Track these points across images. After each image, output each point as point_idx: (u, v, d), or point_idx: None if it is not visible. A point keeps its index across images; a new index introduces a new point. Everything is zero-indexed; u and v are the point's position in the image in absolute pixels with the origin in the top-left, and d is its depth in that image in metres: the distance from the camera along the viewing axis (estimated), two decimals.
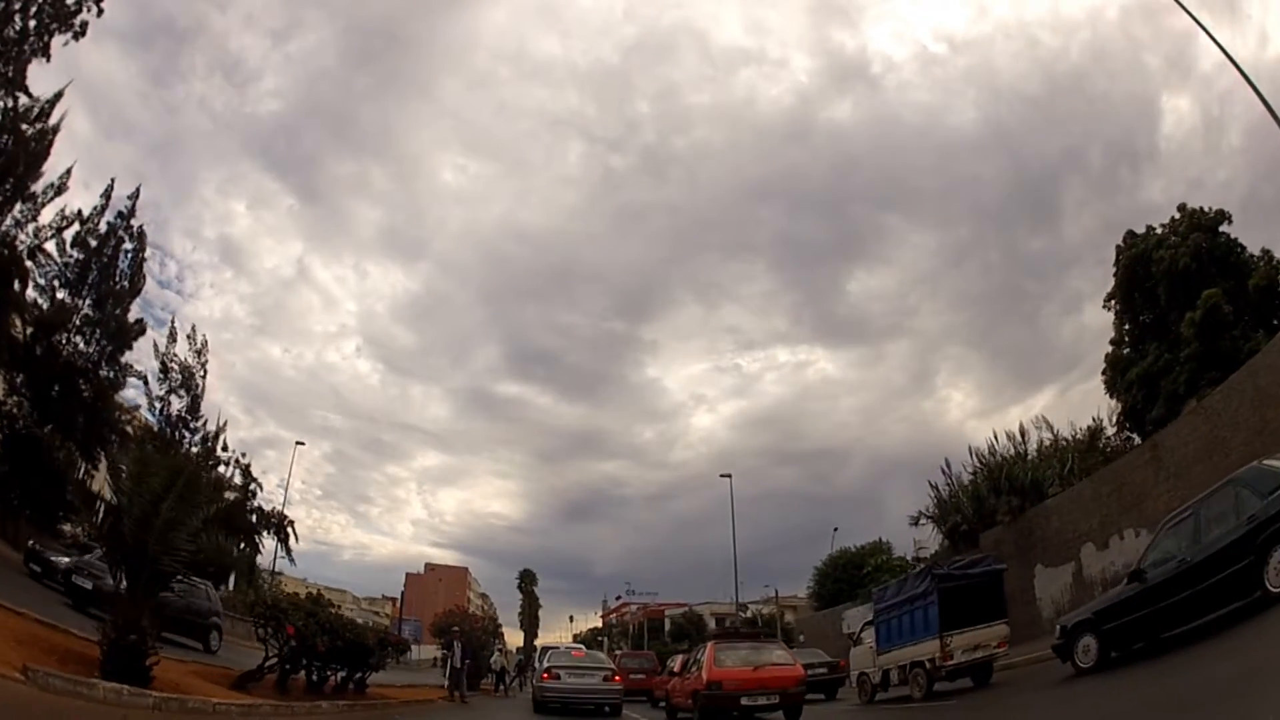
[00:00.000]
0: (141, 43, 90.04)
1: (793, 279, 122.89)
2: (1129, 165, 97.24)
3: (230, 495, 25.97)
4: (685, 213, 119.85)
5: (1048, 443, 22.05)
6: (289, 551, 31.06)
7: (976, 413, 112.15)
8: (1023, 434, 22.55)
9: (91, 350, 21.98)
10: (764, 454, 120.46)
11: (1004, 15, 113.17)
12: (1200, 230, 23.66)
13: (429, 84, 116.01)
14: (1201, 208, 24.73)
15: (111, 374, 22.52)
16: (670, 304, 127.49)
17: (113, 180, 23.47)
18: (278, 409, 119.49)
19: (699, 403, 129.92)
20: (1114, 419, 23.96)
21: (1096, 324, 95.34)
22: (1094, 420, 23.38)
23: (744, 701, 11.31)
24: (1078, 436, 22.44)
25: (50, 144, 19.79)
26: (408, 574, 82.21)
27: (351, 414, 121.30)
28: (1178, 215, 24.88)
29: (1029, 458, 21.60)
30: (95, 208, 22.51)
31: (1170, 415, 19.47)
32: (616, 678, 16.44)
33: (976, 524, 21.38)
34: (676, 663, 18.97)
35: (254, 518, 28.25)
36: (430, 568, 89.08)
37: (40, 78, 19.68)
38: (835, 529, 40.91)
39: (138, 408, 24.64)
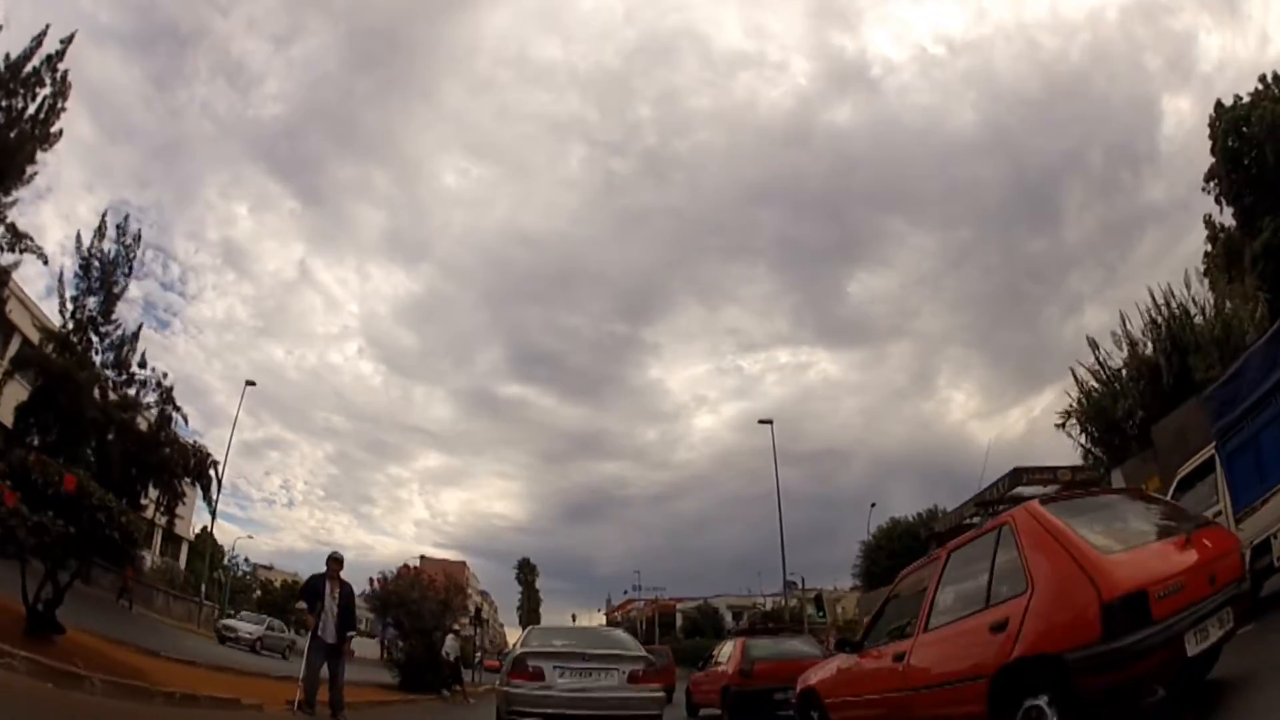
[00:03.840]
0: (144, 47, 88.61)
1: (794, 281, 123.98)
2: (1130, 168, 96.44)
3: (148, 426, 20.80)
4: (687, 215, 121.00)
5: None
6: (210, 503, 25.47)
7: (978, 414, 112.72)
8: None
9: None
10: (766, 454, 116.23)
11: (1003, 17, 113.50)
12: None
13: (431, 88, 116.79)
14: None
15: None
16: (672, 306, 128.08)
17: None
18: (281, 410, 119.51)
19: (700, 404, 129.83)
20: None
21: (1096, 325, 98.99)
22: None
23: (777, 696, 10.21)
24: None
25: None
26: (401, 567, 77.10)
27: (354, 415, 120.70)
28: (1261, 86, 22.02)
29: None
30: None
31: None
32: (651, 675, 8.22)
33: (1151, 403, 16.94)
34: (732, 647, 12.93)
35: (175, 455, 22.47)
36: (425, 560, 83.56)
37: None
38: (873, 505, 37.73)
39: None
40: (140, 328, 21.70)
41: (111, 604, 19.45)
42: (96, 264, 20.32)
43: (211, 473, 25.10)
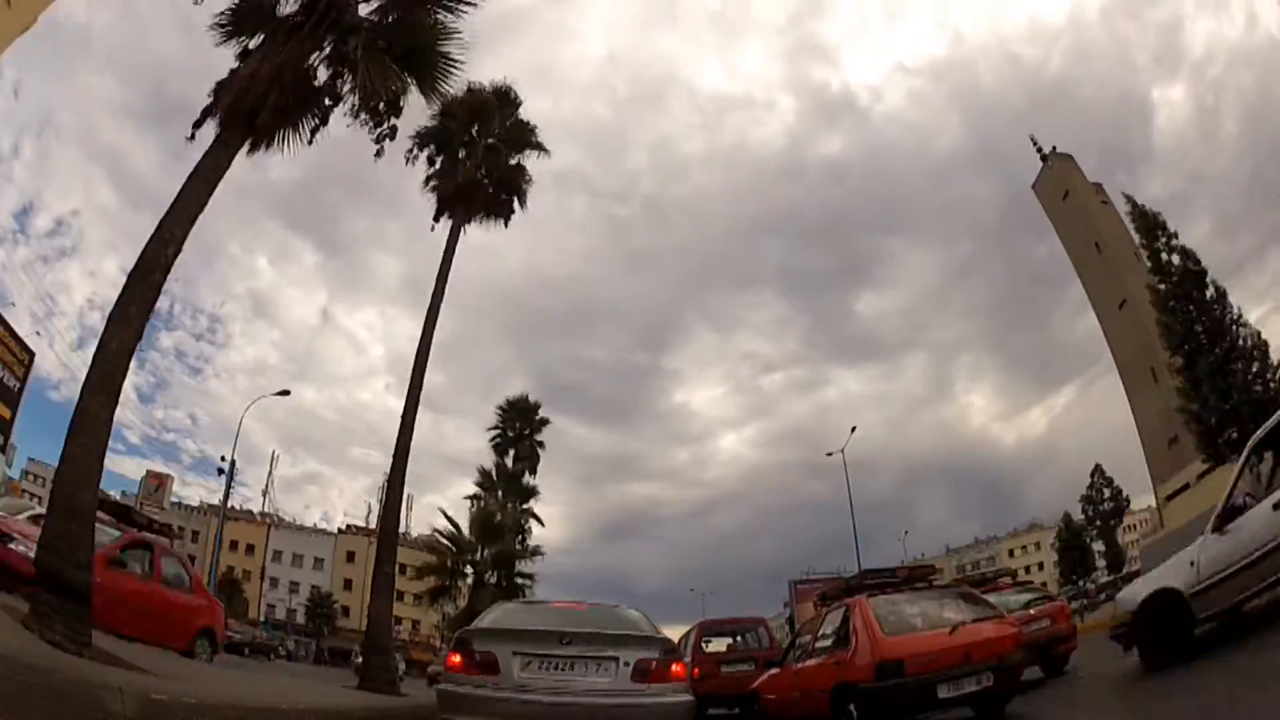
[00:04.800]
0: (158, 122, 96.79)
1: (803, 305, 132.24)
2: (1125, 167, 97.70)
3: None
4: (691, 252, 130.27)
5: None
6: None
7: (999, 416, 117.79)
8: None
9: None
10: (792, 468, 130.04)
11: (981, 36, 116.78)
12: None
13: None
14: None
15: None
16: (687, 335, 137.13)
17: None
18: (316, 448, 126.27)
19: (725, 424, 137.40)
20: None
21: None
22: None
23: (943, 694, 6.05)
24: None
25: None
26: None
27: (388, 449, 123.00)
28: None
29: None
30: None
31: None
32: (668, 669, 5.02)
33: None
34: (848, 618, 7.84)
35: None
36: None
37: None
38: (905, 532, 39.08)
39: None
40: None
41: None
42: None
43: None
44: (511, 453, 29.74)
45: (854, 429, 35.25)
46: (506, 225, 18.25)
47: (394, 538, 14.78)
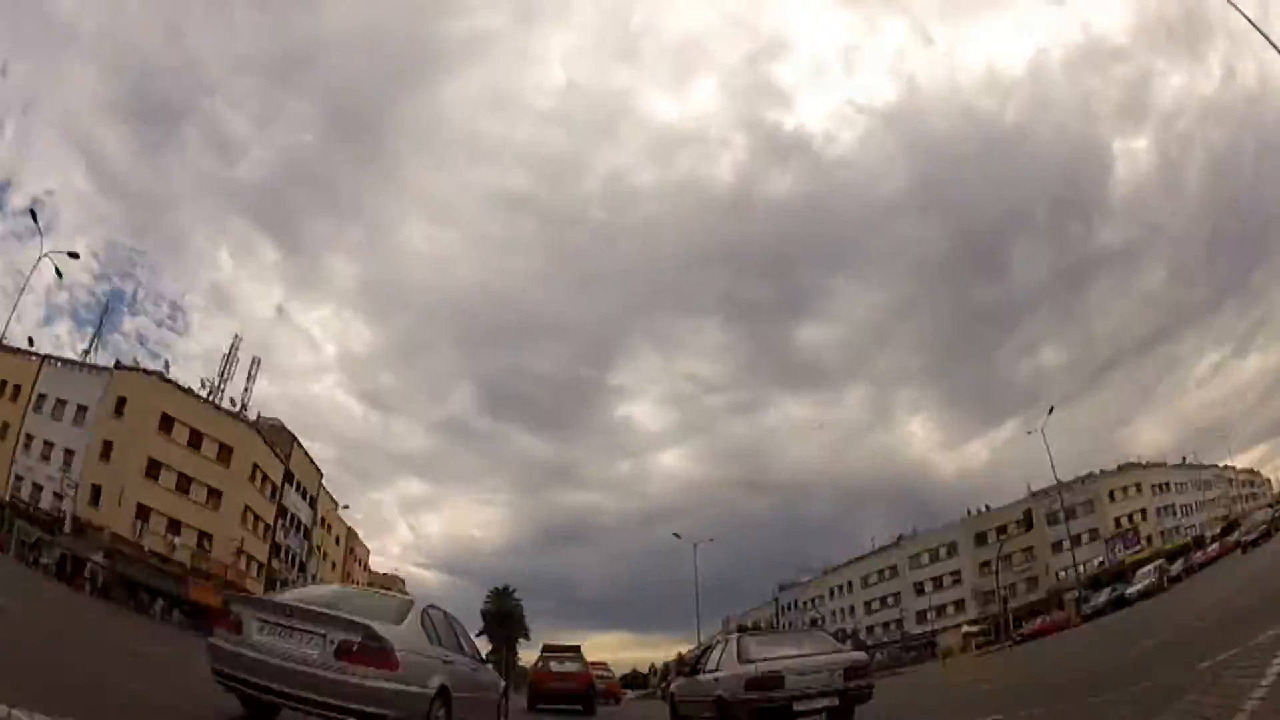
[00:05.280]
0: (142, 118, 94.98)
1: (745, 333, 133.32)
2: (1079, 217, 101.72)
3: None
4: (638, 277, 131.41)
5: None
6: None
7: (939, 445, 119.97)
8: None
9: None
10: (734, 484, 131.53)
11: (936, 86, 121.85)
12: None
13: (396, 161, 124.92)
14: None
15: None
16: (632, 354, 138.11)
17: None
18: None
19: (667, 440, 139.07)
20: None
21: (1054, 364, 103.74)
22: None
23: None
24: None
25: None
26: None
27: (337, 444, 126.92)
28: None
29: None
30: None
31: None
32: (371, 655, 5.48)
33: None
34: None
35: None
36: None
37: None
38: None
39: None
40: None
41: None
42: None
43: None
44: None
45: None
46: None
47: None
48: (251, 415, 47.49)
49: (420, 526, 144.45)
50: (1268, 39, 14.42)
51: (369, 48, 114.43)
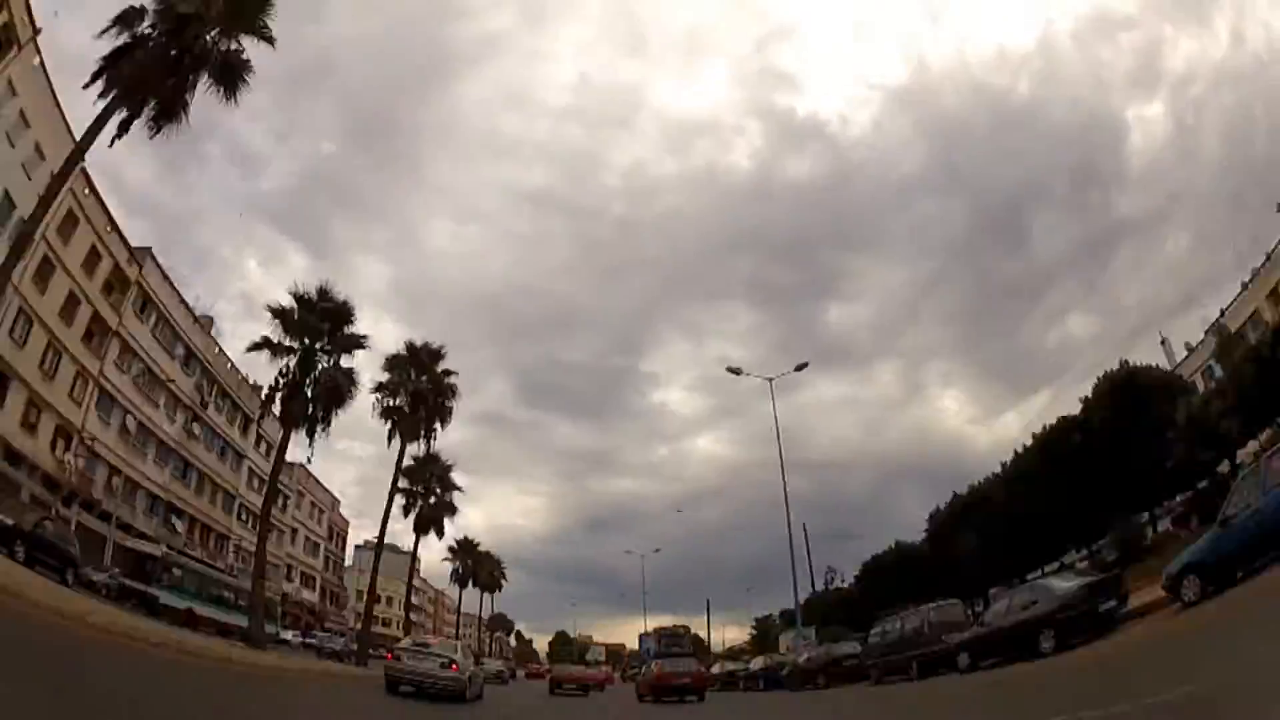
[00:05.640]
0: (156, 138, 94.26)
1: (774, 315, 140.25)
2: (1098, 187, 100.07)
3: None
4: (663, 267, 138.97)
5: None
6: None
7: (972, 419, 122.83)
8: None
9: None
10: (770, 465, 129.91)
11: (946, 64, 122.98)
12: None
13: (418, 162, 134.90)
14: None
15: None
16: (662, 342, 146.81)
17: None
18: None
19: (703, 424, 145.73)
20: None
21: (1082, 332, 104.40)
22: None
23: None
24: None
25: None
26: None
27: (375, 441, 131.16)
28: None
29: None
30: None
31: None
32: (452, 665, 15.01)
33: None
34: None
35: None
36: None
37: None
38: None
39: None
40: None
41: None
42: None
43: None
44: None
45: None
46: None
47: None
48: None
49: (460, 518, 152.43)
50: None
51: (382, 55, 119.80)
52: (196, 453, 41.33)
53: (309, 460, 33.18)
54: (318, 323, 24.63)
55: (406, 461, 32.30)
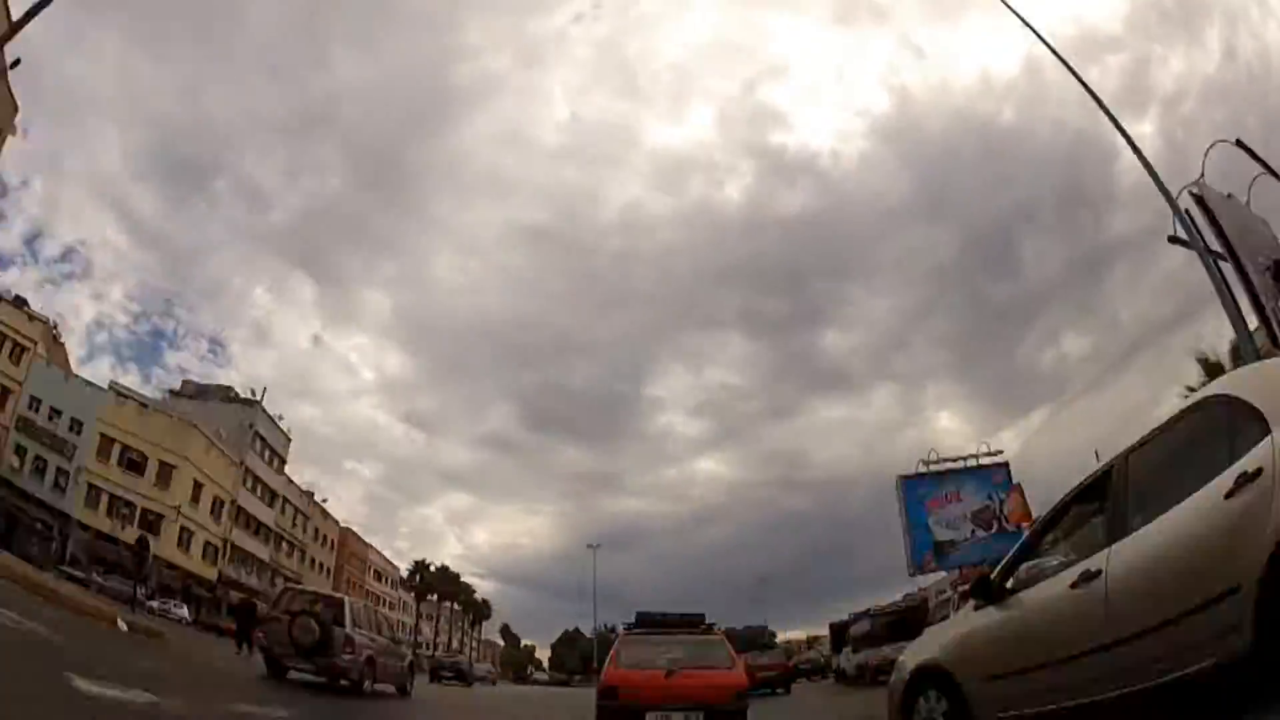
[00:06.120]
0: (168, 176, 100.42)
1: (768, 344, 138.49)
2: (1088, 208, 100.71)
3: None
4: (659, 300, 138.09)
5: None
6: None
7: (971, 438, 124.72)
8: None
9: None
10: (772, 484, 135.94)
11: (930, 95, 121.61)
12: None
13: (421, 200, 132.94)
14: None
15: None
16: (663, 369, 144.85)
17: None
18: (314, 460, 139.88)
19: (706, 446, 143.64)
20: None
21: (1076, 351, 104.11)
22: None
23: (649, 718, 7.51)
24: None
25: None
26: None
27: (383, 462, 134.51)
28: None
29: None
30: None
31: None
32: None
33: None
34: None
35: None
36: None
37: None
38: None
39: None
40: None
41: None
42: None
43: None
44: None
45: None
46: None
47: None
48: None
49: (468, 537, 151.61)
50: None
51: (384, 97, 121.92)
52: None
53: None
54: None
55: None
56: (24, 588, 12.76)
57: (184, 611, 35.28)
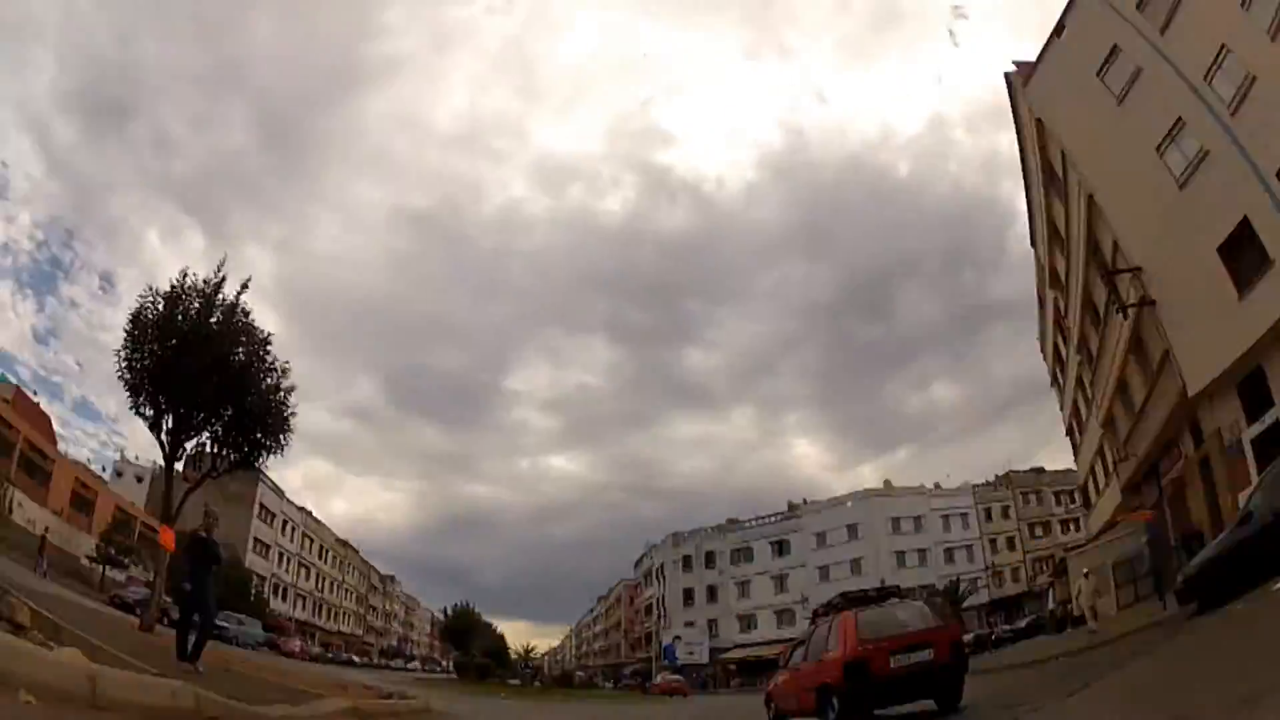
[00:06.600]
0: (96, 111, 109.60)
1: (632, 354, 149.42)
2: (974, 268, 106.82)
3: None
4: (529, 297, 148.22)
5: None
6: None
7: (830, 466, 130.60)
8: None
9: None
10: (627, 489, 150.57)
11: (826, 139, 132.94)
12: None
13: (317, 171, 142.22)
14: None
15: None
16: (525, 363, 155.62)
17: None
18: None
19: (561, 443, 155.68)
20: None
21: (947, 399, 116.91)
22: None
23: (894, 664, 8.23)
24: None
25: None
26: None
27: None
28: None
29: None
30: None
31: None
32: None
33: None
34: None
35: None
36: None
37: None
38: None
39: None
40: None
41: None
42: None
43: None
44: None
45: None
46: None
47: None
48: None
49: (325, 506, 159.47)
50: None
51: (296, 63, 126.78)
52: None
53: None
54: None
55: None
56: None
57: None
